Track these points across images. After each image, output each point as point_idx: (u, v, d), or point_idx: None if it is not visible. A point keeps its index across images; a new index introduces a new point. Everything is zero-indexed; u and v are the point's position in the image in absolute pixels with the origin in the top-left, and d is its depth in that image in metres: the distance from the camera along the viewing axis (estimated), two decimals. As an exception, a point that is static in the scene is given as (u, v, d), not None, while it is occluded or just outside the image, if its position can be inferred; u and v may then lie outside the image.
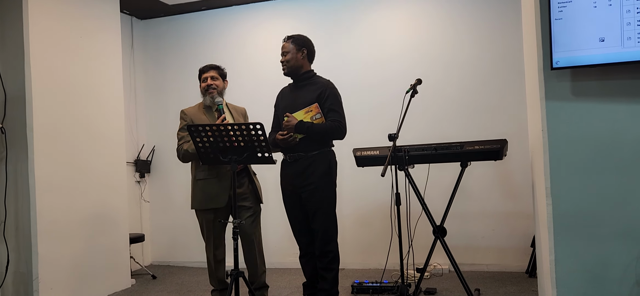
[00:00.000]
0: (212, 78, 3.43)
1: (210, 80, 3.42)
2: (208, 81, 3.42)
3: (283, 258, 4.87)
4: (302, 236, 3.32)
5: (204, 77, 3.47)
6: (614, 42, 2.23)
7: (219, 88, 3.43)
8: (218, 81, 3.44)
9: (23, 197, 3.62)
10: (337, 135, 3.20)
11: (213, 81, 3.42)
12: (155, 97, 5.58)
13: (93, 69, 4.19)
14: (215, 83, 3.42)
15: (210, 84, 3.41)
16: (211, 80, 3.42)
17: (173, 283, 4.57)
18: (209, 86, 3.41)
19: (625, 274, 2.40)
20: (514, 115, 4.35)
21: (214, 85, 3.41)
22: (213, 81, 3.42)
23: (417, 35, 4.70)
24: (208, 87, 3.41)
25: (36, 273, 3.58)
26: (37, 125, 3.64)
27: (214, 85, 3.41)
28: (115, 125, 4.40)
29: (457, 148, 3.43)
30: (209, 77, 3.43)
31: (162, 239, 5.52)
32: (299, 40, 3.27)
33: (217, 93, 3.41)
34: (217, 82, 3.44)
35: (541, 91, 2.49)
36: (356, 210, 4.80)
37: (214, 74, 3.45)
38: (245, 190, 3.39)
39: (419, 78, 3.37)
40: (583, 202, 2.45)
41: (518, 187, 4.36)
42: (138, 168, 5.39)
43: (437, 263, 4.38)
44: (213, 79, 3.43)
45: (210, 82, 3.42)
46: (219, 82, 3.45)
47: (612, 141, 2.40)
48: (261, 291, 3.53)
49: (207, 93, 3.42)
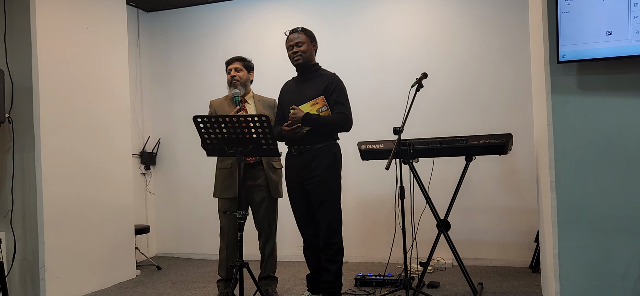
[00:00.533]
0: (236, 70, 3.51)
1: (234, 72, 3.50)
2: (232, 73, 3.50)
3: (287, 251, 4.90)
4: (306, 229, 3.34)
5: (228, 69, 3.54)
6: (622, 35, 2.23)
7: (242, 80, 3.50)
8: (242, 72, 3.51)
9: (30, 186, 3.65)
10: (343, 128, 3.21)
11: (236, 73, 3.50)
12: (161, 89, 5.60)
13: (99, 60, 4.21)
14: (238, 75, 3.50)
15: (234, 76, 3.49)
16: (235, 72, 3.50)
17: (178, 274, 4.59)
18: (232, 78, 3.48)
19: (629, 268, 2.41)
20: (519, 110, 4.34)
21: (237, 76, 3.49)
22: (236, 73, 3.50)
23: (423, 29, 4.69)
24: (232, 79, 3.48)
25: (43, 262, 3.61)
26: (43, 115, 3.66)
27: (237, 76, 3.49)
28: (121, 116, 4.42)
29: (462, 142, 3.43)
30: (233, 69, 3.51)
31: (167, 231, 5.55)
32: (310, 33, 3.31)
33: (241, 85, 3.48)
34: (241, 74, 3.50)
35: (547, 85, 2.49)
36: (360, 203, 4.81)
37: (238, 66, 3.52)
38: (260, 183, 3.44)
39: (425, 72, 3.37)
40: (587, 196, 2.46)
41: (522, 182, 4.36)
42: (143, 160, 5.42)
43: (441, 258, 4.39)
44: (237, 71, 3.50)
45: (234, 73, 3.50)
46: (242, 73, 3.51)
47: (617, 135, 2.41)
48: (268, 281, 3.56)
49: (231, 85, 3.48)
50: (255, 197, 3.49)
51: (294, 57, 3.26)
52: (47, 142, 3.68)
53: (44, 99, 3.67)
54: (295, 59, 3.26)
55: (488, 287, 3.65)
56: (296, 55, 3.24)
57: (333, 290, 3.19)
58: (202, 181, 5.31)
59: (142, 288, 4.08)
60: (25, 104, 3.65)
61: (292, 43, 3.26)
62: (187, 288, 4.03)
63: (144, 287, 4.10)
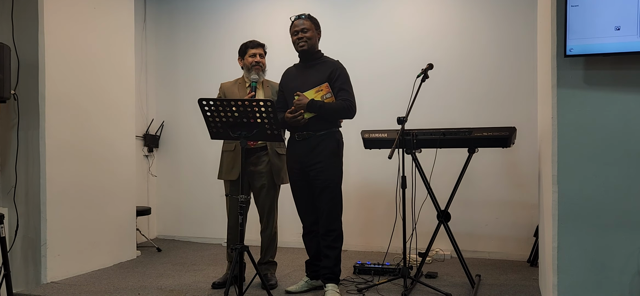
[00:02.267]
0: (260, 56, 3.54)
1: (258, 57, 3.53)
2: (257, 57, 3.53)
3: (287, 237, 4.92)
4: (307, 215, 3.36)
5: (252, 53, 3.54)
6: (630, 30, 2.23)
7: (264, 67, 3.55)
8: (263, 59, 3.56)
9: (33, 164, 3.66)
10: (347, 114, 3.22)
11: (261, 59, 3.54)
12: (166, 72, 5.60)
13: (105, 41, 4.21)
14: (262, 61, 3.54)
15: (259, 61, 3.52)
16: (260, 58, 3.54)
17: (178, 256, 4.62)
18: (257, 63, 3.51)
19: (627, 264, 2.42)
20: (523, 105, 4.35)
21: (261, 62, 3.53)
22: (261, 59, 3.54)
23: (430, 20, 4.69)
24: (257, 63, 3.50)
25: (44, 239, 3.64)
26: (49, 94, 3.67)
27: (262, 62, 3.53)
28: (125, 98, 4.43)
29: (465, 134, 3.45)
30: (258, 54, 3.54)
31: (168, 213, 5.58)
32: (315, 20, 3.31)
33: (262, 71, 3.52)
34: (264, 60, 3.56)
35: (553, 78, 2.50)
36: (361, 192, 4.83)
37: (262, 52, 3.57)
38: (262, 169, 3.47)
39: (430, 63, 3.38)
40: (589, 190, 2.47)
41: (524, 176, 4.37)
42: (147, 142, 5.44)
43: (440, 248, 4.42)
44: (261, 57, 3.55)
45: (259, 59, 3.53)
46: (263, 60, 3.57)
47: (621, 131, 2.41)
48: (267, 266, 3.59)
49: (253, 68, 3.50)
50: (256, 183, 3.51)
51: (299, 43, 3.25)
52: (51, 120, 3.69)
53: (49, 77, 3.68)
54: (299, 45, 3.25)
55: (485, 279, 3.68)
56: (301, 41, 3.24)
57: (332, 276, 3.22)
58: (205, 165, 5.34)
59: (142, 268, 4.11)
60: (31, 82, 3.66)
61: (297, 29, 3.25)
62: (187, 270, 4.06)
63: (144, 268, 4.13)
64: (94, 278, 3.77)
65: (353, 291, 3.34)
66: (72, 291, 3.39)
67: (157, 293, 3.34)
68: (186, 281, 3.68)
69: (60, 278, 3.74)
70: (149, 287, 3.50)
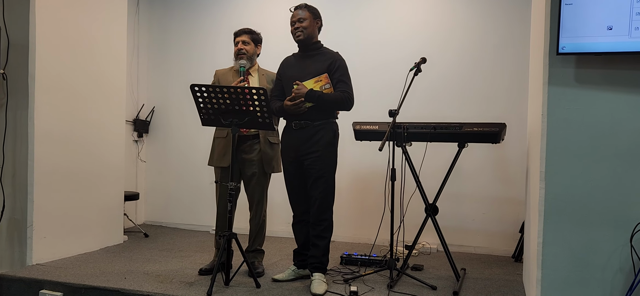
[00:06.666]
0: (243, 43, 3.53)
1: (241, 45, 3.52)
2: (239, 45, 3.53)
3: (276, 227, 4.94)
4: (298, 204, 3.36)
5: (236, 41, 3.56)
6: (622, 31, 2.26)
7: (249, 53, 3.52)
8: (249, 46, 3.54)
9: (22, 145, 3.63)
10: (345, 106, 3.23)
11: (244, 45, 3.52)
12: (158, 57, 5.56)
13: (98, 23, 4.17)
14: (245, 48, 3.52)
15: (241, 48, 3.51)
16: (242, 45, 3.52)
17: (165, 242, 4.61)
18: (239, 50, 3.51)
19: (609, 260, 2.47)
20: (514, 102, 4.39)
21: (244, 49, 3.51)
22: (244, 45, 3.52)
23: (424, 16, 4.70)
24: (239, 51, 3.51)
25: (31, 221, 3.61)
26: (39, 74, 3.63)
27: (245, 49, 3.51)
28: (116, 82, 4.39)
29: (455, 128, 3.47)
30: (241, 42, 3.53)
31: (157, 199, 5.56)
32: (314, 10, 3.31)
33: (247, 58, 3.50)
34: (248, 47, 3.53)
35: (545, 75, 2.52)
36: (351, 184, 4.85)
37: (246, 39, 3.54)
38: (253, 157, 3.48)
39: (424, 57, 3.39)
40: (576, 188, 2.50)
41: (512, 173, 4.42)
42: (136, 127, 5.40)
43: (426, 242, 4.46)
44: (244, 44, 3.53)
45: (241, 46, 3.52)
46: (249, 46, 3.54)
47: (610, 130, 2.45)
48: (255, 253, 3.60)
49: (237, 56, 3.51)
50: (247, 171, 3.51)
51: (296, 33, 3.27)
52: (41, 102, 3.65)
53: (39, 58, 3.63)
54: (296, 34, 3.27)
55: (470, 273, 3.72)
56: (297, 31, 3.26)
57: (319, 266, 3.23)
58: (194, 152, 5.32)
59: (129, 253, 4.09)
60: (20, 61, 3.61)
61: (294, 19, 3.28)
62: (174, 256, 4.05)
63: (131, 253, 4.11)
64: (80, 262, 3.75)
65: (339, 281, 3.36)
66: (57, 274, 3.37)
67: (143, 278, 3.34)
68: (173, 267, 3.68)
69: (46, 260, 3.71)
70: (135, 272, 3.49)
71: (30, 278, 3.28)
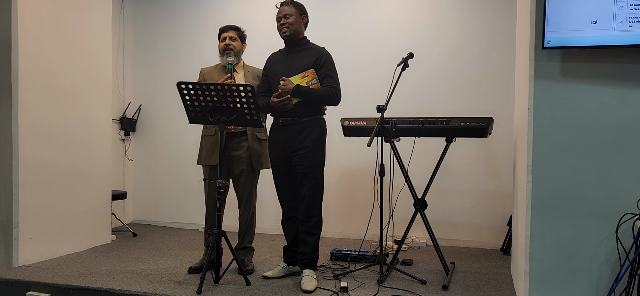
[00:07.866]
0: (231, 39, 3.50)
1: (228, 40, 3.50)
2: (226, 41, 3.50)
3: (265, 224, 4.93)
4: (287, 201, 3.36)
5: (223, 37, 3.53)
6: (606, 25, 2.28)
7: (236, 50, 3.50)
8: (236, 42, 3.52)
9: (6, 145, 3.57)
10: (332, 101, 3.22)
11: (231, 42, 3.50)
12: (144, 55, 5.50)
13: (82, 20, 4.11)
14: (233, 44, 3.50)
15: (229, 44, 3.48)
16: (229, 41, 3.50)
17: (153, 241, 4.58)
18: (227, 46, 3.48)
19: (595, 252, 2.50)
20: (501, 96, 4.42)
21: (231, 45, 3.49)
22: (231, 42, 3.50)
23: (411, 11, 4.71)
24: (226, 47, 3.48)
25: (16, 222, 3.56)
26: (22, 73, 3.58)
27: (232, 45, 3.49)
28: (102, 80, 4.34)
29: (443, 123, 3.48)
30: (228, 37, 3.50)
31: (144, 198, 5.52)
32: (300, 6, 3.30)
33: (234, 54, 3.47)
34: (235, 43, 3.51)
35: (531, 70, 2.54)
36: (340, 180, 4.85)
37: (233, 35, 3.52)
38: (241, 154, 3.46)
39: (411, 52, 3.39)
40: (562, 180, 2.53)
41: (499, 167, 4.45)
42: (123, 126, 5.35)
43: (415, 236, 4.48)
44: (231, 40, 3.50)
45: (229, 42, 3.49)
46: (236, 43, 3.52)
47: (596, 123, 2.47)
48: (244, 251, 3.59)
49: (224, 53, 3.48)
50: (235, 168, 3.50)
51: (282, 29, 3.25)
52: (25, 101, 3.60)
53: (23, 56, 3.58)
54: (282, 30, 3.25)
55: (459, 267, 3.74)
56: (283, 27, 3.25)
57: (309, 262, 3.23)
58: (182, 150, 5.29)
59: (117, 253, 4.06)
60: (3, 61, 3.56)
61: (280, 15, 3.26)
62: (163, 255, 4.02)
63: (119, 252, 4.08)
64: (68, 262, 3.71)
65: (329, 277, 3.36)
66: (44, 275, 3.33)
67: (132, 277, 3.31)
68: (162, 265, 3.65)
69: (33, 261, 3.67)
70: (124, 271, 3.46)
71: (17, 279, 3.24)
